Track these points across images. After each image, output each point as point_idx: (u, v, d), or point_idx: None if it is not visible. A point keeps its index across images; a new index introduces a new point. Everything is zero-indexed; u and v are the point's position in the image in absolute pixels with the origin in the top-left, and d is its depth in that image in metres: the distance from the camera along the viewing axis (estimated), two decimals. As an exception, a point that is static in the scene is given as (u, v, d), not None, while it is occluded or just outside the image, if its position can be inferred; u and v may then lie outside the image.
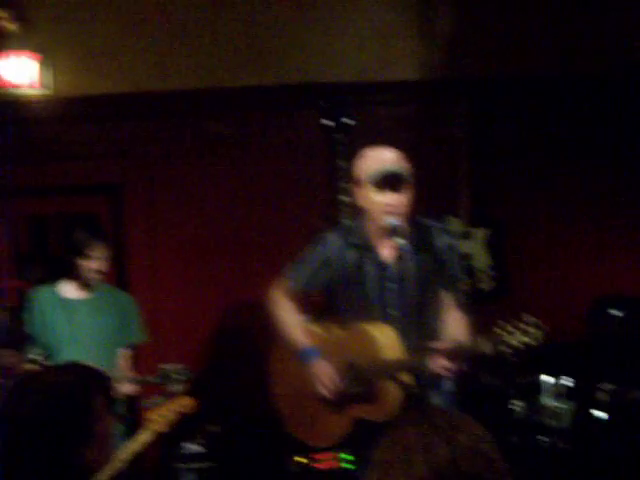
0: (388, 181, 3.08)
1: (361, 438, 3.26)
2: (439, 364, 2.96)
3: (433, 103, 5.13)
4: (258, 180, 5.06)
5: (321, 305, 4.51)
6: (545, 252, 5.18)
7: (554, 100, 5.12)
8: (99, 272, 3.97)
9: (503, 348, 2.78)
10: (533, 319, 2.78)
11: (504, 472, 1.43)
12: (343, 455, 4.34)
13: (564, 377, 4.06)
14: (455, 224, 4.98)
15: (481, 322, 3.04)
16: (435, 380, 3.20)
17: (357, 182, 3.18)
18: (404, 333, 3.15)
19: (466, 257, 4.95)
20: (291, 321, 3.39)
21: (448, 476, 1.38)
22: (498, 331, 2.79)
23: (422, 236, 3.19)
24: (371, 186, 3.10)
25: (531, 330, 2.75)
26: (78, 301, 4.03)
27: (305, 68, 5.02)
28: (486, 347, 2.83)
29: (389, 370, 3.13)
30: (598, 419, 4.03)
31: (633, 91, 5.08)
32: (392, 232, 3.10)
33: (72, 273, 3.99)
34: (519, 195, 5.17)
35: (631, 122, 5.11)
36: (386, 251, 3.21)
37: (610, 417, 4.06)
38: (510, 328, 2.78)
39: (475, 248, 4.98)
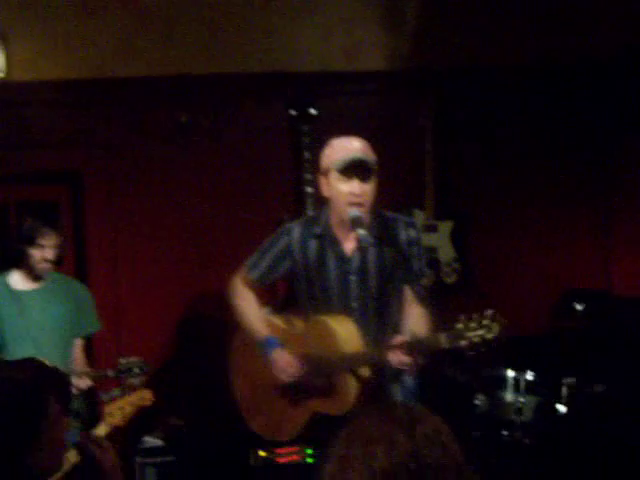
0: (354, 169, 3.05)
1: (319, 433, 3.22)
2: (397, 358, 2.92)
3: (400, 94, 5.08)
4: (222, 169, 4.98)
5: (284, 297, 4.48)
6: (510, 245, 5.18)
7: (522, 91, 5.11)
8: (50, 261, 3.85)
9: (461, 342, 2.76)
10: (492, 313, 2.75)
11: (463, 462, 1.45)
12: (305, 449, 4.33)
13: (527, 371, 4.05)
14: (420, 217, 4.94)
15: (445, 315, 2.98)
16: (396, 374, 3.18)
17: (323, 171, 3.15)
18: (364, 326, 3.13)
19: (431, 250, 4.92)
20: (251, 311, 3.36)
21: (409, 467, 1.40)
22: (457, 325, 2.77)
23: (386, 229, 3.16)
24: (337, 174, 3.07)
25: (490, 324, 2.73)
26: (29, 292, 3.91)
27: (271, 57, 4.95)
28: (445, 342, 2.81)
29: (348, 363, 3.10)
30: (560, 413, 4.03)
31: (600, 82, 5.08)
32: (354, 223, 3.06)
33: (23, 263, 3.88)
34: (485, 187, 5.16)
35: (599, 113, 5.12)
36: (349, 243, 3.18)
37: (572, 411, 4.06)
38: (470, 322, 2.76)
39: (440, 241, 4.95)
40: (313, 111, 4.83)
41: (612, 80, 5.08)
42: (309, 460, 4.31)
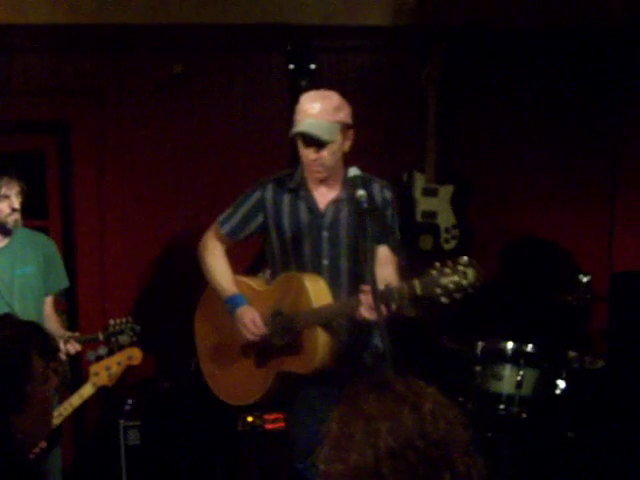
0: (301, 139, 3.09)
1: (284, 394, 3.25)
2: (367, 305, 2.83)
3: (403, 51, 4.89)
4: (216, 122, 4.79)
5: (255, 259, 4.33)
6: (511, 212, 5.03)
7: (531, 53, 4.92)
8: (18, 210, 3.64)
9: (435, 289, 2.68)
10: (467, 259, 2.68)
11: (467, 435, 1.42)
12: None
13: (528, 344, 3.93)
14: (420, 180, 4.78)
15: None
16: (365, 331, 3.12)
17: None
18: (335, 284, 3.11)
19: (430, 215, 4.78)
20: (220, 267, 3.30)
21: (415, 445, 1.35)
22: (431, 271, 2.71)
23: (360, 188, 3.05)
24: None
25: (465, 270, 2.66)
26: None
27: (270, 9, 4.74)
28: (418, 288, 2.74)
29: (316, 318, 3.04)
30: (560, 388, 3.93)
31: (611, 48, 4.90)
32: (350, 183, 3.01)
33: None
34: (488, 152, 5.00)
35: (607, 80, 4.95)
36: (323, 199, 3.17)
37: (571, 386, 3.97)
38: (444, 268, 2.69)
39: (440, 206, 4.80)
40: (312, 66, 4.66)
41: (624, 46, 4.91)
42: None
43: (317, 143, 3.06)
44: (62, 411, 3.64)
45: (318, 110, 3.08)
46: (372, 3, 4.83)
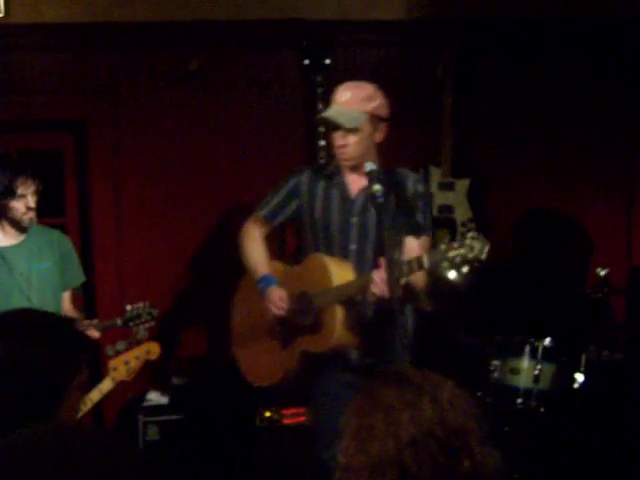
0: (325, 125, 3.27)
1: (306, 385, 3.33)
2: (380, 279, 2.87)
3: (419, 45, 4.87)
4: (232, 119, 4.79)
5: (293, 253, 4.35)
6: (527, 205, 5.01)
7: (547, 45, 4.90)
8: (33, 209, 3.69)
9: (443, 263, 2.71)
10: (475, 233, 2.70)
11: (483, 426, 1.45)
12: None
13: (546, 337, 3.92)
14: (436, 174, 4.77)
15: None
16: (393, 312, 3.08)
17: None
18: (360, 269, 3.16)
19: (447, 209, 4.77)
20: (255, 249, 3.42)
21: (436, 434, 1.37)
22: (440, 246, 2.74)
23: (393, 179, 3.22)
24: None
25: (472, 243, 2.68)
26: (12, 248, 3.75)
27: (285, 4, 4.73)
28: (426, 261, 2.79)
29: (335, 295, 3.09)
30: (578, 382, 3.91)
31: (629, 40, 4.87)
32: (369, 177, 3.07)
33: (4, 218, 3.71)
34: (504, 145, 4.97)
35: (625, 71, 4.91)
36: (355, 187, 3.26)
37: (590, 380, 3.94)
38: (453, 243, 2.71)
39: (456, 200, 4.78)
40: (328, 61, 4.65)
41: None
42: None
43: (340, 130, 3.16)
44: (81, 406, 3.66)
45: (347, 98, 3.18)
46: (386, -2, 4.82)
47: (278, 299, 3.25)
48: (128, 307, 3.79)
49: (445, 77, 4.75)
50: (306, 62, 4.65)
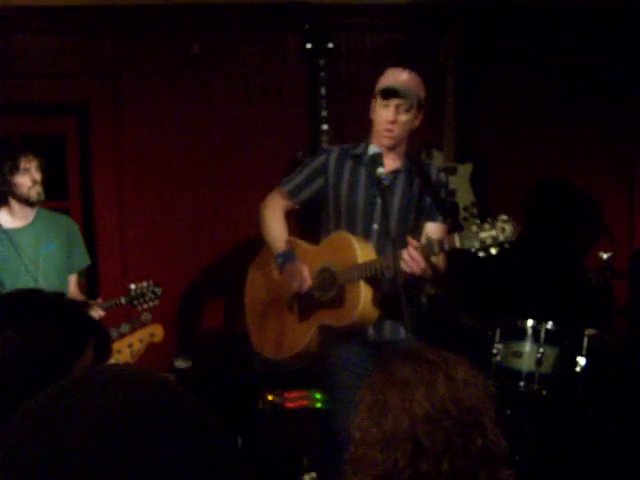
0: (390, 95, 3.20)
1: (323, 347, 3.34)
2: (409, 256, 2.96)
3: (422, 29, 4.86)
4: (234, 103, 4.79)
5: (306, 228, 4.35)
6: (530, 189, 5.01)
7: (550, 31, 4.88)
8: (39, 183, 3.72)
9: (474, 242, 2.79)
10: (506, 216, 2.80)
11: (496, 403, 1.50)
12: (315, 394, 4.26)
13: (548, 321, 3.93)
14: (439, 158, 4.77)
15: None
16: (411, 287, 3.18)
17: (374, 94, 3.31)
18: (381, 249, 3.23)
19: (450, 193, 4.76)
20: (275, 224, 3.44)
21: (450, 411, 1.40)
22: (471, 227, 2.82)
23: (419, 165, 3.34)
24: (380, 99, 3.24)
25: (503, 225, 2.78)
26: (19, 230, 3.78)
27: (287, -13, 4.72)
28: (457, 241, 2.85)
29: (360, 272, 3.14)
30: (580, 365, 3.92)
31: (632, 27, 4.85)
32: (373, 160, 3.17)
33: (14, 196, 3.74)
34: (507, 130, 4.96)
35: (628, 59, 4.90)
36: (384, 167, 3.24)
37: (591, 363, 3.96)
38: (483, 224, 2.81)
39: (459, 184, 4.78)
40: (330, 45, 4.63)
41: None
42: (318, 405, 4.26)
43: (399, 104, 3.21)
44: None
45: (406, 79, 3.26)
46: (389, -19, 4.80)
47: (299, 274, 3.29)
48: (132, 286, 3.81)
49: (448, 61, 4.74)
50: (308, 46, 4.63)
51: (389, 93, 3.20)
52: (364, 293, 3.15)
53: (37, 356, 1.69)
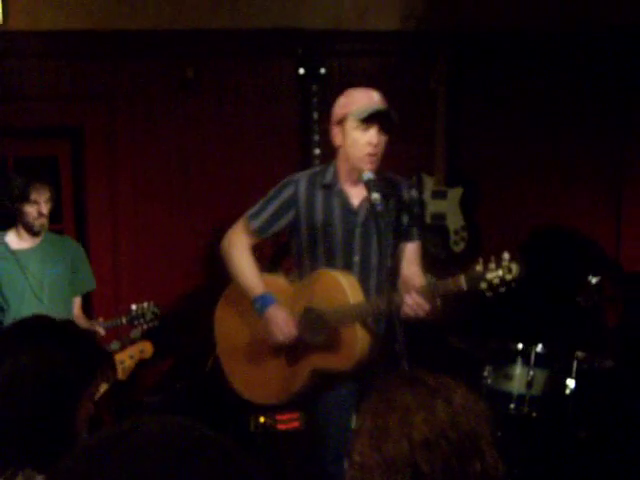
0: (377, 119, 3.02)
1: (319, 389, 3.20)
2: (414, 301, 2.87)
3: (412, 56, 4.94)
4: (227, 127, 4.85)
5: (271, 258, 4.38)
6: (519, 214, 5.08)
7: (536, 57, 4.97)
8: (45, 216, 3.83)
9: (481, 284, 2.75)
10: (510, 254, 2.76)
11: (493, 426, 1.50)
12: (306, 416, 4.27)
13: (538, 344, 3.97)
14: (429, 182, 4.83)
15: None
16: (401, 325, 3.09)
17: (337, 119, 3.11)
18: (364, 280, 3.12)
19: (440, 217, 4.82)
20: (247, 265, 3.22)
21: (448, 436, 1.40)
22: (476, 267, 2.77)
23: (391, 186, 3.15)
24: (356, 122, 3.04)
25: (509, 265, 2.74)
26: (26, 251, 3.88)
27: (280, 13, 4.80)
28: (464, 283, 2.79)
29: (354, 313, 3.03)
30: (570, 387, 3.96)
31: (614, 51, 4.95)
32: (367, 186, 3.01)
33: (18, 222, 3.86)
34: (495, 154, 5.05)
35: (613, 80, 4.99)
36: (356, 195, 3.15)
37: (581, 386, 4.00)
38: (488, 264, 2.76)
39: (449, 208, 4.85)
40: (322, 70, 4.70)
41: (628, 48, 4.95)
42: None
43: (383, 126, 3.04)
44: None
45: (381, 97, 3.10)
46: (381, 8, 4.89)
47: (284, 324, 3.11)
48: (133, 306, 3.88)
49: (438, 87, 4.82)
50: (301, 71, 4.70)
51: (374, 116, 3.01)
52: (360, 335, 3.03)
53: (49, 382, 1.72)
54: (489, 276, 2.74)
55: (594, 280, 3.98)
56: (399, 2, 4.88)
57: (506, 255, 2.75)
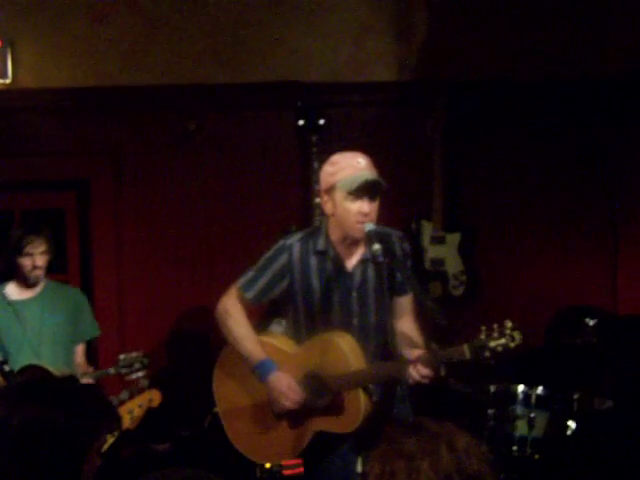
0: (366, 189, 2.98)
1: (321, 448, 3.20)
2: (418, 372, 2.92)
3: (408, 105, 5.07)
4: (229, 178, 4.96)
5: (264, 314, 4.41)
6: (517, 258, 5.16)
7: (530, 105, 5.09)
8: (40, 268, 3.87)
9: (485, 353, 2.81)
10: (511, 323, 2.82)
11: (496, 469, 1.55)
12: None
13: (539, 386, 4.03)
14: (428, 228, 4.92)
15: (451, 328, 2.95)
16: (403, 389, 3.21)
17: (326, 188, 3.07)
18: (363, 342, 3.13)
19: (438, 262, 4.90)
20: (245, 332, 3.22)
21: (454, 478, 1.46)
22: (480, 336, 2.83)
23: (384, 241, 3.07)
24: (345, 194, 2.99)
25: (512, 333, 2.80)
26: (25, 301, 3.95)
27: (279, 67, 4.94)
28: (468, 353, 2.84)
29: (357, 379, 3.06)
30: (571, 429, 4.00)
31: (608, 99, 5.08)
32: (370, 238, 3.03)
33: (16, 273, 3.91)
34: (493, 200, 5.14)
35: (606, 130, 5.11)
36: (350, 259, 3.15)
37: (581, 427, 4.04)
38: (492, 332, 2.82)
39: (448, 253, 4.93)
40: (322, 121, 4.81)
41: (618, 97, 5.08)
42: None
43: (372, 194, 3.01)
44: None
45: (366, 163, 3.05)
46: (377, 60, 5.03)
47: (289, 390, 3.12)
48: (121, 356, 3.87)
49: (434, 135, 4.93)
50: (301, 122, 4.81)
51: (366, 188, 2.98)
52: (363, 399, 3.06)
53: (52, 437, 1.77)
54: (492, 344, 2.80)
55: (591, 322, 4.04)
56: (394, 54, 5.02)
57: (509, 323, 2.81)
